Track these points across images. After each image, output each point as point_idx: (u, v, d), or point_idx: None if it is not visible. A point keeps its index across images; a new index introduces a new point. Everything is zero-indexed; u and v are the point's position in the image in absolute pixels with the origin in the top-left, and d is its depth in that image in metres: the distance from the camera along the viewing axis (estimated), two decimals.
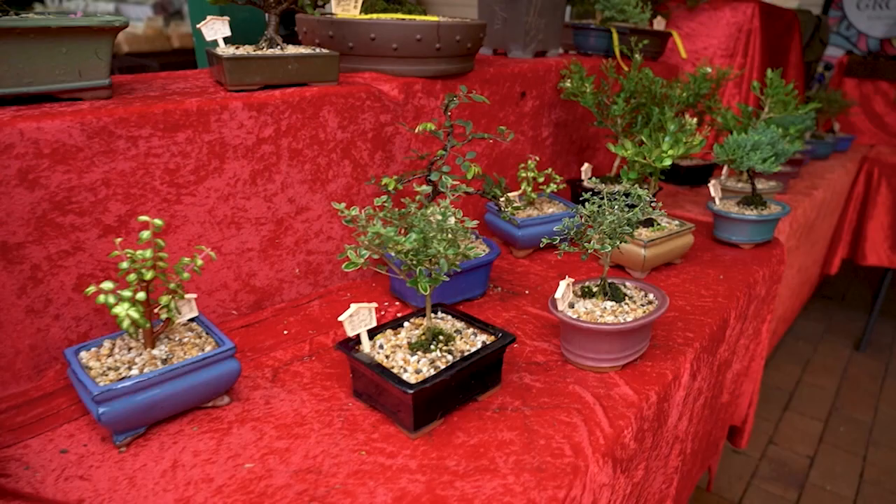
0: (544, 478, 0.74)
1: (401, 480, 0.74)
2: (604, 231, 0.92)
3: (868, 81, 3.34)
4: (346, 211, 0.79)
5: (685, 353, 1.03)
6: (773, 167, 1.38)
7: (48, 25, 0.83)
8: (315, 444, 0.80)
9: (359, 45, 1.24)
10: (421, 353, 0.85)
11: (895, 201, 2.87)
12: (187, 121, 0.94)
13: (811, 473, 2.29)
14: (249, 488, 0.73)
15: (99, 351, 0.84)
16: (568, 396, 0.90)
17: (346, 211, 0.79)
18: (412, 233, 0.76)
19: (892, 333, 3.37)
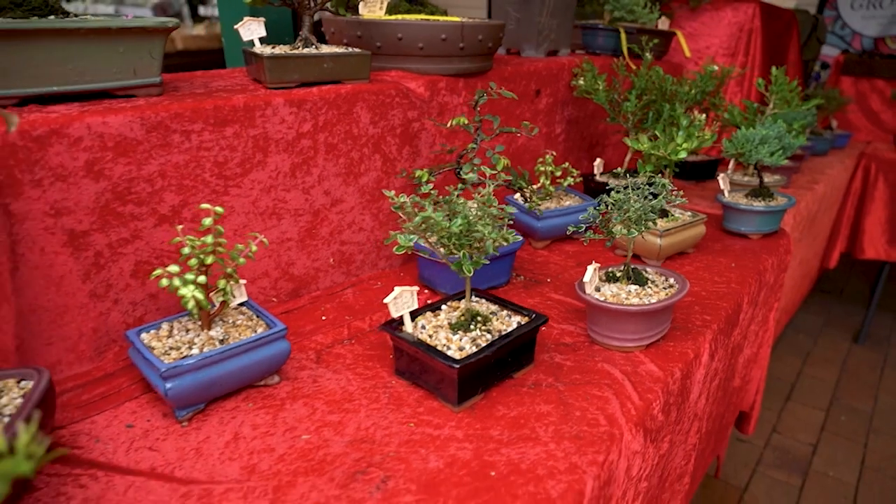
0: (583, 445, 0.80)
1: (450, 448, 0.79)
2: (629, 218, 0.98)
3: (864, 79, 3.41)
4: (395, 198, 0.84)
5: (704, 334, 1.09)
6: (781, 160, 1.44)
7: (109, 27, 0.89)
8: (365, 418, 0.85)
9: (386, 44, 1.29)
10: (462, 333, 0.91)
11: (892, 196, 2.94)
12: (235, 116, 1.00)
13: (814, 460, 2.35)
14: (309, 456, 0.78)
15: (158, 333, 0.89)
16: (597, 373, 0.96)
17: (396, 198, 0.84)
18: (458, 218, 0.82)
19: (890, 326, 3.44)
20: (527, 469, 0.76)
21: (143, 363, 0.84)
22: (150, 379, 0.83)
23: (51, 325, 0.87)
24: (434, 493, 0.72)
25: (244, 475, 0.75)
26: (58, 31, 0.84)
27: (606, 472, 0.78)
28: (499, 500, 0.71)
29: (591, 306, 1.02)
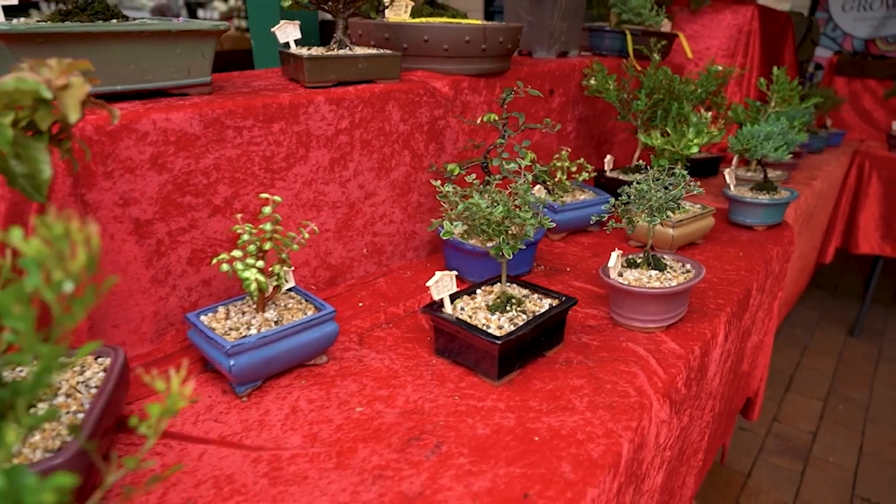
0: (616, 413, 0.87)
1: (494, 417, 0.86)
2: (651, 206, 1.05)
3: (857, 80, 3.51)
4: (441, 188, 0.91)
5: (719, 316, 1.16)
6: (785, 155, 1.51)
7: (169, 30, 0.95)
8: (412, 392, 0.92)
9: (413, 46, 1.36)
10: (499, 314, 0.97)
11: (885, 192, 3.03)
12: (281, 113, 1.06)
13: (814, 447, 2.43)
14: (365, 426, 0.84)
15: (216, 315, 0.95)
16: (623, 351, 1.03)
17: (441, 188, 0.91)
18: (499, 205, 0.89)
19: (884, 319, 3.53)
20: (567, 434, 0.83)
21: (205, 343, 0.90)
22: (212, 357, 0.89)
23: (117, 308, 0.93)
24: (484, 455, 0.79)
25: (307, 443, 0.81)
26: (124, 34, 0.91)
27: (639, 437, 0.85)
28: (545, 461, 0.78)
29: (616, 290, 1.09)
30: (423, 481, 0.74)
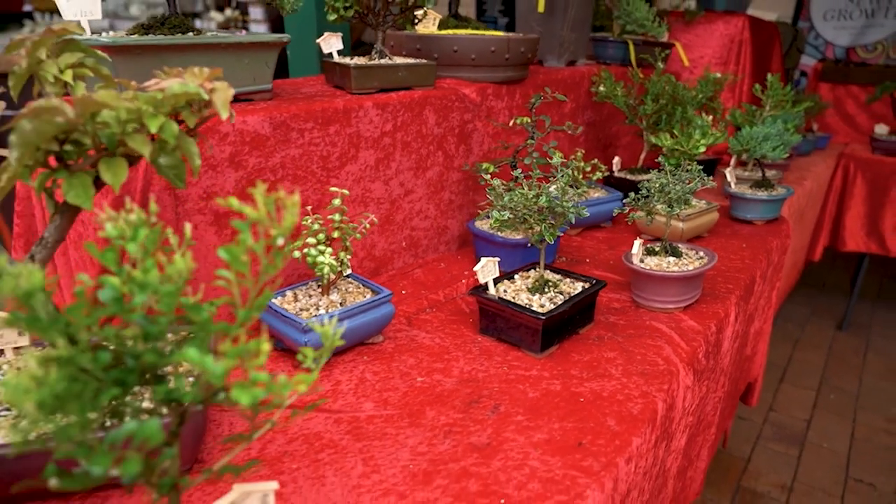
0: (649, 379, 0.98)
1: (541, 384, 0.97)
2: (671, 198, 1.17)
3: (840, 86, 3.68)
4: (491, 180, 1.02)
5: (729, 298, 1.28)
6: (782, 154, 1.65)
7: (242, 42, 1.06)
8: (465, 365, 1.03)
9: (443, 55, 1.47)
10: (539, 294, 1.08)
11: (869, 192, 3.19)
12: (336, 117, 1.17)
13: (809, 434, 2.56)
14: (429, 392, 0.95)
15: (285, 298, 1.05)
16: (648, 328, 1.15)
17: (491, 181, 1.02)
18: (543, 195, 1.00)
19: (870, 314, 3.69)
20: (608, 396, 0.94)
21: (280, 322, 1.00)
22: (286, 336, 0.99)
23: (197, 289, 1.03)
24: (538, 414, 0.89)
25: (380, 407, 0.92)
26: (205, 46, 1.01)
27: (670, 398, 0.97)
28: (592, 417, 0.89)
29: (639, 274, 1.21)
30: (488, 435, 0.85)
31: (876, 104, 3.51)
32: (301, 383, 0.46)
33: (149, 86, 0.63)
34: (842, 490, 2.24)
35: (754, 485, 2.26)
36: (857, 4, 5.12)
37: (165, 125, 0.59)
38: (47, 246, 0.70)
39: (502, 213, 1.02)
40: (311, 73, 1.90)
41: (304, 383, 0.46)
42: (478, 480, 0.76)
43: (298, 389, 0.46)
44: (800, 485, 2.27)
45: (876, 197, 3.17)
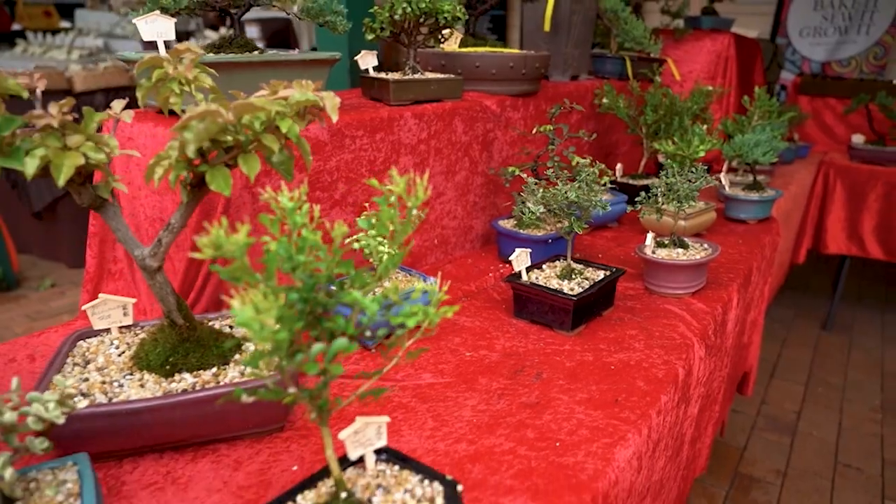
0: (668, 350, 1.12)
1: (575, 356, 1.11)
2: (679, 195, 1.32)
3: (818, 98, 3.89)
4: (527, 178, 1.16)
5: (732, 285, 1.43)
6: (771, 158, 1.81)
7: (303, 59, 1.19)
8: (505, 342, 1.16)
9: (466, 71, 1.62)
10: (568, 280, 1.22)
11: (848, 198, 3.38)
12: (382, 125, 1.31)
13: (799, 424, 2.72)
14: (478, 364, 1.08)
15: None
16: (662, 311, 1.29)
17: (527, 178, 1.16)
18: (572, 189, 1.14)
19: (852, 314, 3.87)
20: (635, 364, 1.08)
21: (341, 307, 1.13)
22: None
23: None
24: (576, 379, 1.03)
25: (437, 376, 1.04)
26: (272, 63, 1.15)
27: (688, 366, 1.11)
28: (623, 380, 1.02)
29: (651, 263, 1.35)
30: (536, 395, 0.98)
31: (852, 115, 3.72)
32: (449, 310, 0.59)
33: (260, 95, 0.76)
34: (832, 474, 2.39)
35: (751, 471, 2.40)
36: (831, 22, 5.38)
37: (291, 126, 0.73)
38: (173, 230, 0.83)
39: (537, 207, 1.16)
40: (340, 87, 2.04)
41: (450, 311, 0.59)
42: (533, 430, 0.89)
43: (447, 315, 0.59)
44: (793, 470, 2.41)
45: (855, 202, 3.36)
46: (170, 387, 0.83)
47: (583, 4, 2.08)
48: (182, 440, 0.83)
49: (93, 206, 0.79)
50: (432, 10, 1.40)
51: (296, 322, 0.54)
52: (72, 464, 0.69)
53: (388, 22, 1.43)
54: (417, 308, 0.58)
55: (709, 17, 3.05)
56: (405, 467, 0.69)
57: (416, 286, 0.62)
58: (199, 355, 0.87)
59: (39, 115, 0.67)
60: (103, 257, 1.28)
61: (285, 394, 0.57)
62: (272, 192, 0.63)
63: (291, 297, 0.55)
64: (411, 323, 0.57)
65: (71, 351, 0.91)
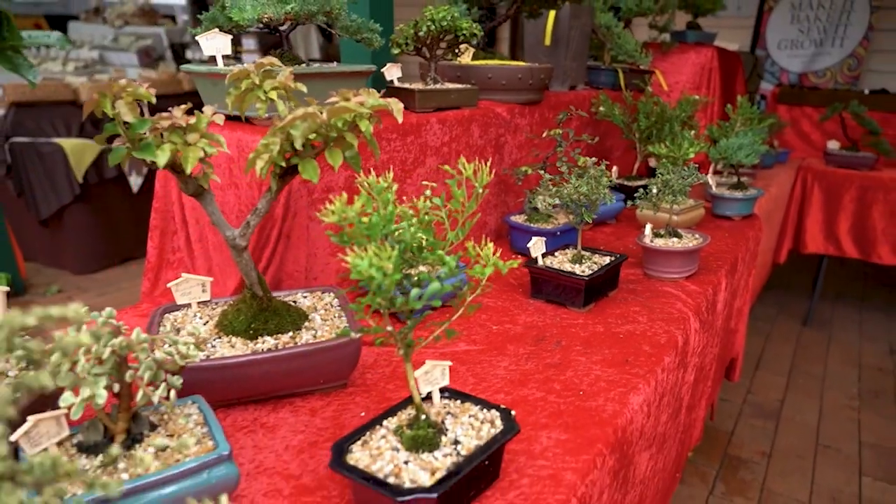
0: (668, 322, 1.29)
1: (588, 328, 1.27)
2: (674, 190, 1.50)
3: (796, 107, 4.12)
4: (545, 174, 1.33)
5: (720, 271, 1.61)
6: (754, 160, 2.00)
7: (344, 70, 1.36)
8: (526, 317, 1.32)
9: (479, 81, 1.79)
10: (579, 264, 1.39)
11: (825, 200, 3.60)
12: (411, 129, 1.47)
13: (783, 410, 2.90)
14: (504, 335, 1.24)
15: None
16: (660, 292, 1.46)
17: (545, 175, 1.33)
18: (582, 184, 1.31)
19: (831, 311, 4.09)
20: (640, 334, 1.24)
21: None
22: None
23: (320, 264, 1.32)
24: (591, 345, 1.19)
25: (470, 345, 1.20)
26: (321, 74, 1.31)
27: (685, 335, 1.28)
28: (631, 346, 1.19)
29: (650, 250, 1.52)
30: (558, 358, 1.14)
31: (827, 123, 3.96)
32: (511, 263, 0.75)
33: (332, 101, 0.92)
34: (813, 454, 2.57)
35: (738, 452, 2.58)
36: (808, 35, 5.65)
37: (367, 126, 0.89)
38: (259, 214, 0.98)
39: (553, 199, 1.33)
40: None
41: (513, 263, 0.75)
42: (559, 383, 1.05)
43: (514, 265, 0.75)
44: (777, 451, 2.59)
45: (831, 204, 3.58)
46: (255, 347, 0.98)
47: (580, 20, 2.27)
48: (266, 392, 0.99)
49: (195, 194, 0.94)
50: (452, 27, 1.57)
51: (400, 270, 0.70)
52: (191, 402, 0.84)
53: (412, 38, 1.60)
54: (489, 261, 0.74)
55: (693, 31, 3.26)
56: (466, 400, 0.85)
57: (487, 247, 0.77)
58: (276, 322, 1.02)
59: (166, 116, 0.83)
60: (163, 248, 1.43)
61: (385, 331, 0.73)
62: (365, 177, 0.79)
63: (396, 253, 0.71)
64: (486, 273, 0.73)
65: (161, 322, 1.06)
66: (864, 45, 5.32)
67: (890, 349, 3.55)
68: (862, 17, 5.30)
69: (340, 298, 1.16)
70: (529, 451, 0.86)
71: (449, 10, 1.56)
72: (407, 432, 0.76)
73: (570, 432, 0.91)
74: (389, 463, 0.71)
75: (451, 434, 0.77)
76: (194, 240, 1.38)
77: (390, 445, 0.75)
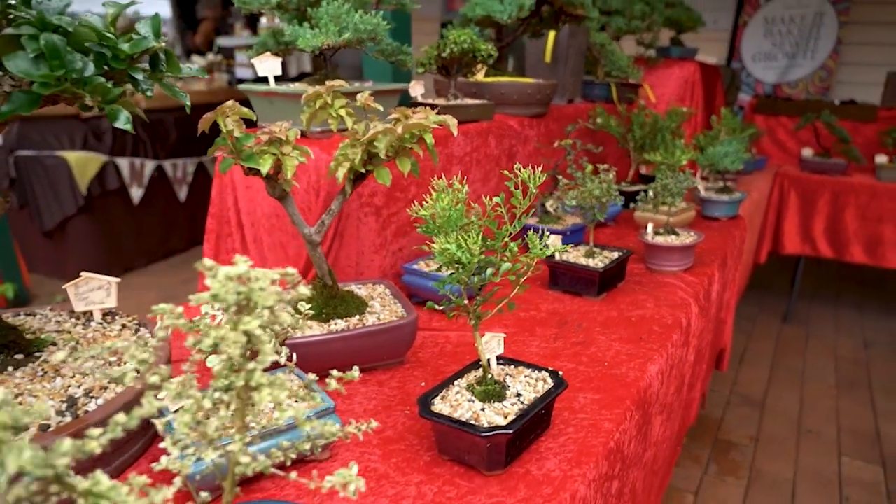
0: (673, 307, 1.48)
1: (604, 313, 1.45)
2: (672, 192, 1.69)
3: (772, 117, 4.38)
4: (562, 180, 1.51)
5: (713, 265, 1.80)
6: (738, 165, 2.21)
7: (380, 89, 1.53)
8: (548, 305, 1.50)
9: (493, 96, 1.98)
10: (592, 259, 1.57)
11: (801, 204, 3.84)
12: (440, 140, 1.65)
13: (767, 400, 3.11)
14: (531, 320, 1.41)
15: (420, 265, 1.51)
16: (663, 283, 1.65)
17: (562, 180, 1.51)
18: (595, 188, 1.50)
19: (808, 309, 4.33)
20: (649, 317, 1.43)
21: (424, 279, 1.45)
22: (429, 291, 1.44)
23: (364, 260, 1.48)
24: (609, 327, 1.37)
25: (505, 328, 1.37)
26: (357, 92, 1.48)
27: (688, 317, 1.46)
28: (643, 327, 1.37)
29: (652, 246, 1.71)
30: (582, 338, 1.32)
31: (802, 132, 4.21)
32: (558, 247, 0.92)
33: (392, 118, 1.10)
34: (796, 438, 2.78)
35: (728, 437, 2.78)
36: (780, 48, 5.96)
37: (430, 138, 1.06)
38: (332, 214, 1.15)
39: (570, 200, 1.51)
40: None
41: (557, 247, 0.92)
42: (585, 356, 1.23)
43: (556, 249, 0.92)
44: (763, 435, 2.79)
45: (807, 208, 3.82)
46: (330, 328, 1.14)
47: (577, 39, 2.47)
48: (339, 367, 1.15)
49: (280, 197, 1.10)
50: (472, 49, 1.75)
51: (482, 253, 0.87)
52: (288, 371, 1.00)
53: (435, 59, 1.78)
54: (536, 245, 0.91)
55: (676, 47, 3.49)
56: (519, 365, 1.02)
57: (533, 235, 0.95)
58: (344, 307, 1.19)
59: (267, 131, 0.99)
60: (218, 249, 1.58)
61: (463, 303, 0.90)
62: (437, 180, 0.96)
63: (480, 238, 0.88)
64: (547, 252, 0.90)
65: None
66: (833, 57, 5.63)
67: (864, 343, 3.79)
68: (831, 32, 5.61)
69: (391, 288, 1.33)
70: (571, 408, 1.04)
71: (468, 33, 1.74)
72: (477, 388, 0.93)
73: (602, 393, 1.09)
74: (468, 411, 0.88)
75: (513, 389, 0.94)
76: (249, 241, 1.54)
77: (466, 398, 0.92)
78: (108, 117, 0.71)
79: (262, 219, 1.49)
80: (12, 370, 0.89)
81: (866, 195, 3.57)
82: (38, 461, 0.36)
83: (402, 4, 1.62)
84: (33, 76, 0.65)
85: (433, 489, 0.83)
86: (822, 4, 5.57)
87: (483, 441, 0.83)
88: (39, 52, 0.65)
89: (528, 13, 2.01)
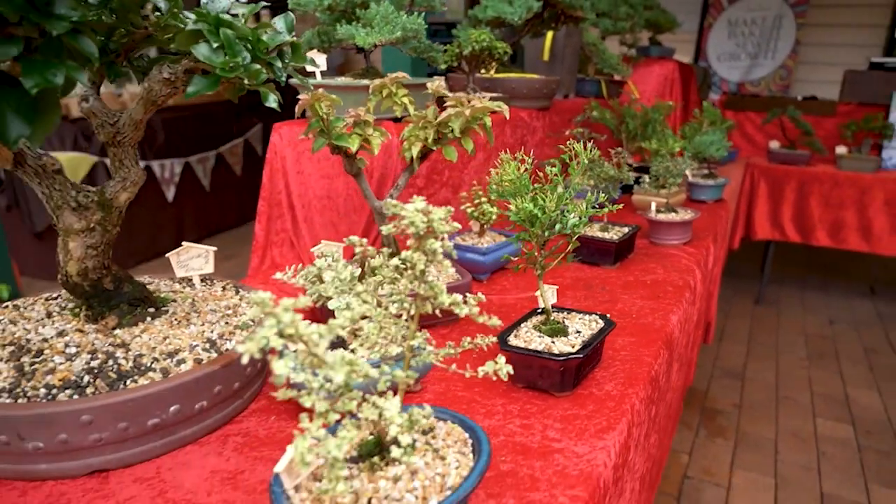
0: (680, 271, 1.68)
1: (622, 278, 1.65)
2: (674, 174, 1.90)
3: (741, 112, 4.68)
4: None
5: (707, 238, 2.02)
6: (723, 153, 2.44)
7: (418, 82, 1.70)
8: (571, 273, 1.69)
9: (505, 91, 2.16)
10: (606, 233, 1.77)
11: (770, 193, 4.13)
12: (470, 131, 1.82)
13: (746, 371, 3.37)
14: (560, 285, 1.60)
15: (456, 239, 1.68)
16: (667, 254, 1.85)
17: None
18: (610, 168, 1.69)
19: (777, 292, 4.63)
20: (662, 280, 1.63)
21: (465, 251, 1.62)
22: (468, 261, 1.61)
23: None
24: (628, 289, 1.57)
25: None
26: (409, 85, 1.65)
27: (695, 280, 1.67)
28: (657, 288, 1.57)
29: (656, 222, 1.92)
30: (607, 297, 1.51)
31: (768, 126, 4.52)
32: (614, 206, 1.11)
33: (450, 104, 1.27)
34: (775, 403, 3.03)
35: (714, 405, 3.02)
36: (743, 49, 6.29)
37: (488, 121, 1.24)
38: (399, 188, 1.31)
39: (588, 180, 1.70)
40: None
41: (614, 208, 1.11)
42: (615, 311, 1.42)
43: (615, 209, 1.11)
44: (745, 402, 3.04)
45: (775, 196, 4.11)
46: None
47: (572, 39, 2.67)
48: None
49: (355, 174, 1.26)
50: (489, 47, 1.93)
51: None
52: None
53: (456, 56, 1.95)
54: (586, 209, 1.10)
55: (655, 46, 3.73)
56: (571, 311, 1.20)
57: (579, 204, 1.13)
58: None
59: (353, 115, 1.16)
60: (269, 229, 1.73)
61: (533, 256, 1.08)
62: (504, 155, 1.14)
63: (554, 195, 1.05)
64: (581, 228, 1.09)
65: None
66: (792, 57, 5.99)
67: (829, 320, 4.10)
68: (789, 33, 5.97)
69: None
70: (614, 348, 1.22)
71: (486, 33, 1.93)
72: (543, 327, 1.11)
73: (636, 337, 1.28)
74: (541, 343, 1.06)
75: (573, 328, 1.13)
76: (300, 220, 1.69)
77: (535, 335, 1.09)
78: (261, 97, 0.87)
79: (313, 200, 1.65)
80: (150, 320, 1.03)
81: (829, 183, 3.87)
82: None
83: (432, 6, 1.79)
84: (215, 63, 0.80)
85: (517, 407, 1.01)
86: (782, 7, 5.93)
87: (557, 365, 1.00)
88: (220, 43, 0.80)
89: (534, 15, 2.20)
